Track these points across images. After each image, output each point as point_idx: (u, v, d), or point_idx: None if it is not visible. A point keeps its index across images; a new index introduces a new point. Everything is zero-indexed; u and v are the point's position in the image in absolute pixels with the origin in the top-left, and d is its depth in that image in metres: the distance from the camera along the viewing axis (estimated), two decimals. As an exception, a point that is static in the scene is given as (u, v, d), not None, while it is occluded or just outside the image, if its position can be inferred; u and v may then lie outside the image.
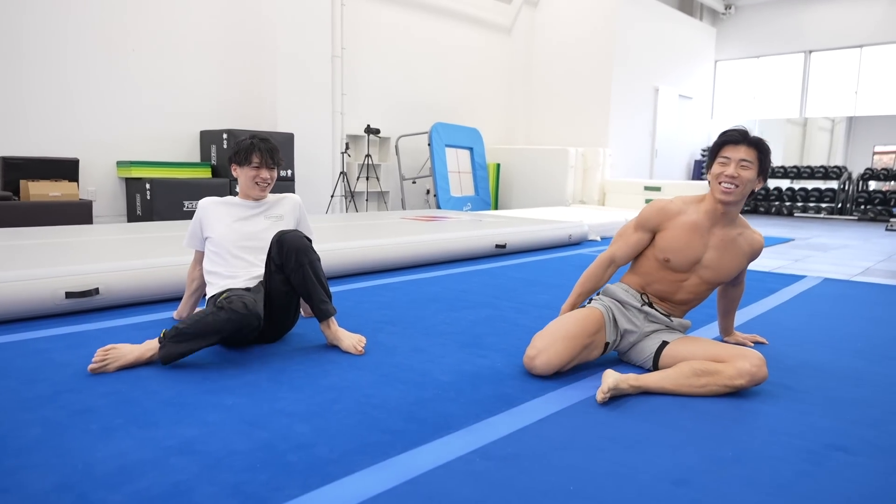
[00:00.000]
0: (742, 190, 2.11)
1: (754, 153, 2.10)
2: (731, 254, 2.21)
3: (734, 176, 2.09)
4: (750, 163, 2.09)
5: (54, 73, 5.93)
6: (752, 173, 2.10)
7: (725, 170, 2.10)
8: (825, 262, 5.49)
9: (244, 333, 2.24)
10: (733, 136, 2.12)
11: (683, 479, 1.47)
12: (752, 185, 2.13)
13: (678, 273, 2.22)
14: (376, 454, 1.55)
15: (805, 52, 12.60)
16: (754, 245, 2.26)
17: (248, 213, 2.60)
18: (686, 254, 2.19)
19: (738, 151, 2.10)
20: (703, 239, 2.19)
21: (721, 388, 1.97)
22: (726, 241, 2.20)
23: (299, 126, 7.48)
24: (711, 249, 2.19)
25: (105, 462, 1.47)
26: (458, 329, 2.78)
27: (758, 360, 1.98)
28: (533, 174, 10.01)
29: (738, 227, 2.24)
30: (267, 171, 2.56)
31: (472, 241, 4.95)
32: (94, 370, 2.07)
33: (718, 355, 2.03)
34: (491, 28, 10.55)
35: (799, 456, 1.60)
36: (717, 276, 2.22)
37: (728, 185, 2.10)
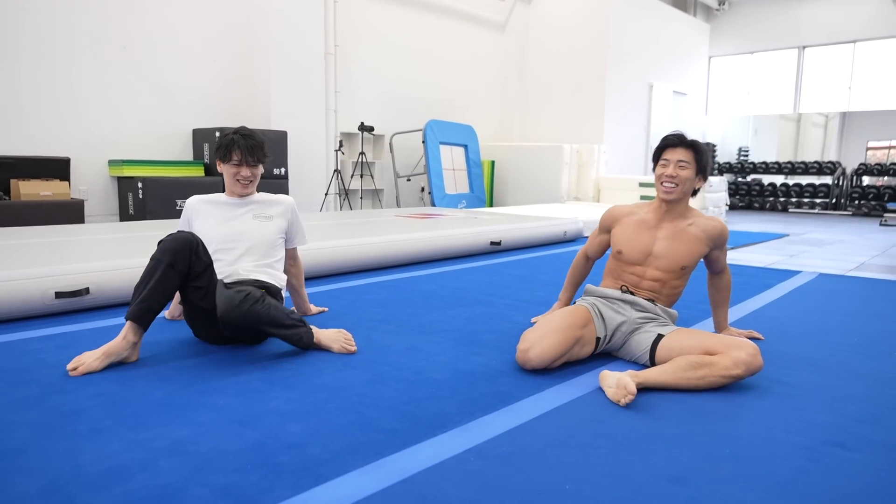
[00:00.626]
0: (682, 188, 2.29)
1: (691, 154, 2.29)
2: (682, 241, 2.35)
3: (673, 176, 2.28)
4: (687, 163, 2.28)
5: (45, 72, 5.88)
6: (691, 172, 2.29)
7: (665, 171, 2.30)
8: (820, 257, 5.49)
9: (191, 258, 2.18)
10: (671, 140, 2.33)
11: (680, 476, 1.45)
12: (693, 182, 2.32)
13: (635, 265, 2.39)
14: (370, 454, 1.53)
15: (799, 48, 12.62)
16: (709, 230, 2.36)
17: (235, 212, 2.56)
18: (635, 244, 2.38)
19: (675, 153, 2.30)
20: (651, 232, 2.38)
21: (719, 378, 1.97)
22: (675, 232, 2.35)
23: (293, 124, 7.44)
24: (661, 240, 2.36)
25: (93, 464, 1.45)
26: (452, 327, 2.76)
27: (752, 349, 2.00)
28: (528, 171, 9.99)
29: (688, 219, 2.38)
30: (248, 168, 2.51)
31: (467, 238, 4.93)
32: (75, 372, 2.05)
33: (713, 346, 2.04)
34: (485, 25, 10.52)
35: (796, 452, 1.59)
36: (671, 264, 2.34)
37: (669, 185, 2.30)
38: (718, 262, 2.46)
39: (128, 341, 2.14)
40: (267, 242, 2.56)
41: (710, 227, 2.36)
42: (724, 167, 13.22)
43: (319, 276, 3.86)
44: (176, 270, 2.17)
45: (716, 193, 9.20)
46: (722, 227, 2.39)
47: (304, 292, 2.89)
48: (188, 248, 2.20)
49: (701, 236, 2.35)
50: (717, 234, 2.37)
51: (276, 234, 2.60)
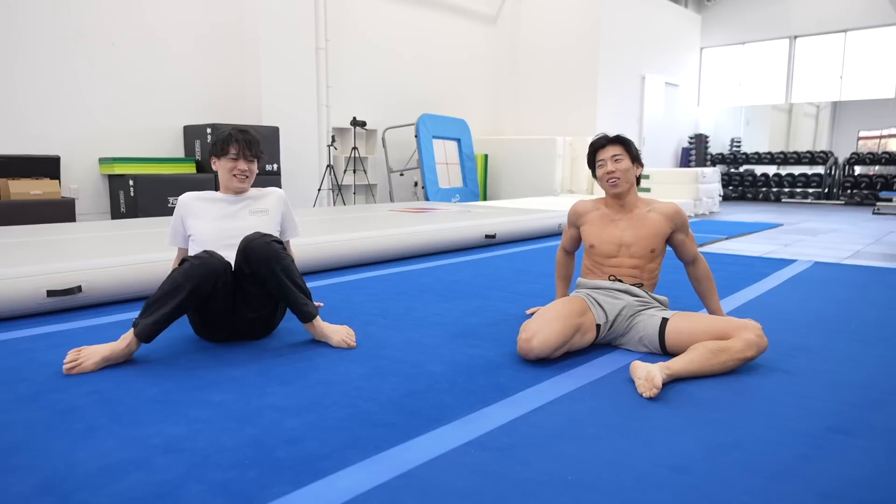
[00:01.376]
0: (625, 178, 2.42)
1: (620, 147, 2.44)
2: (645, 226, 2.44)
3: (612, 171, 2.41)
4: (620, 155, 2.42)
5: (35, 69, 5.81)
6: (627, 162, 2.42)
7: (605, 168, 2.43)
8: (815, 246, 5.50)
9: (215, 285, 2.14)
10: (599, 142, 2.48)
11: (682, 465, 1.44)
12: (633, 171, 2.44)
13: (609, 257, 2.46)
14: (369, 448, 1.51)
15: (790, 38, 12.63)
16: (665, 211, 2.46)
17: (231, 209, 2.52)
18: (604, 237, 2.47)
19: (607, 151, 2.44)
20: (616, 224, 2.47)
21: (736, 362, 2.05)
22: (636, 219, 2.45)
23: (284, 119, 7.39)
24: (626, 230, 2.45)
25: (88, 462, 1.42)
26: (449, 320, 2.75)
27: (758, 329, 2.10)
28: (521, 164, 9.98)
29: (645, 206, 2.49)
30: (245, 162, 2.49)
31: (462, 231, 4.92)
32: (69, 370, 2.01)
33: (723, 330, 2.11)
34: (476, 18, 10.48)
35: (798, 440, 1.58)
36: (642, 249, 2.43)
37: (613, 180, 2.41)
38: (685, 247, 2.50)
39: (129, 350, 2.11)
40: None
41: (665, 209, 2.47)
42: (717, 158, 13.23)
43: (314, 271, 3.84)
44: (196, 295, 2.12)
45: (709, 184, 9.21)
46: (676, 207, 2.49)
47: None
48: (215, 277, 2.14)
49: (660, 219, 2.45)
50: (673, 214, 2.47)
51: (274, 228, 2.58)
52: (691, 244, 2.51)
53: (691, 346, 2.09)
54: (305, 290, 2.32)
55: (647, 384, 1.84)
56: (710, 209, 9.20)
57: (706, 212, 9.07)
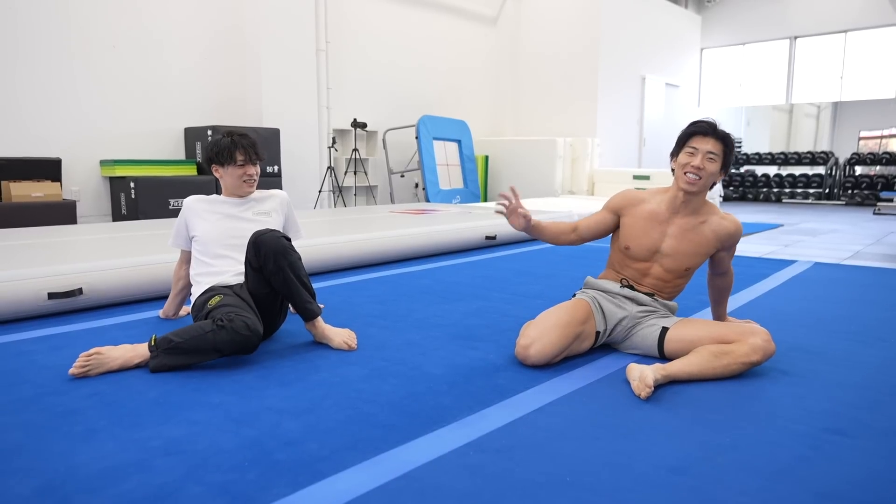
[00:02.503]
0: (705, 182, 2.15)
1: (721, 147, 2.14)
2: (691, 242, 2.22)
3: (700, 167, 2.12)
4: (716, 156, 2.14)
5: (36, 72, 5.82)
6: (717, 166, 2.15)
7: (692, 160, 2.13)
8: (815, 246, 5.50)
9: (243, 353, 2.15)
10: (703, 128, 2.15)
11: (681, 466, 1.44)
12: (715, 177, 2.17)
13: (640, 262, 2.28)
14: (368, 449, 1.51)
15: (790, 39, 12.63)
16: (720, 231, 2.23)
17: (235, 211, 2.54)
18: (643, 242, 2.25)
19: (706, 143, 2.13)
20: (662, 227, 2.24)
21: (739, 366, 2.00)
22: (685, 230, 2.23)
23: (285, 121, 7.40)
24: (669, 238, 2.23)
25: (88, 465, 1.43)
26: (449, 321, 2.75)
27: (766, 335, 2.04)
28: (522, 165, 9.98)
29: (702, 216, 2.24)
30: (253, 166, 2.51)
31: (462, 233, 4.92)
32: (76, 375, 2.01)
33: (726, 335, 2.06)
34: (476, 19, 10.48)
35: (797, 441, 1.58)
36: (677, 264, 2.25)
37: (693, 176, 2.14)
38: (723, 263, 2.32)
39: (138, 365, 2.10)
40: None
41: (721, 229, 2.23)
42: (718, 159, 13.22)
43: (315, 272, 3.84)
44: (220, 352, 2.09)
45: (710, 185, 9.20)
46: (735, 229, 2.25)
47: None
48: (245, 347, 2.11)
49: (710, 238, 2.22)
50: (727, 236, 2.24)
51: (278, 229, 2.57)
52: (730, 258, 2.33)
53: (693, 350, 2.06)
54: (310, 288, 2.33)
55: (641, 384, 1.85)
56: (710, 210, 9.19)
57: (707, 212, 9.07)
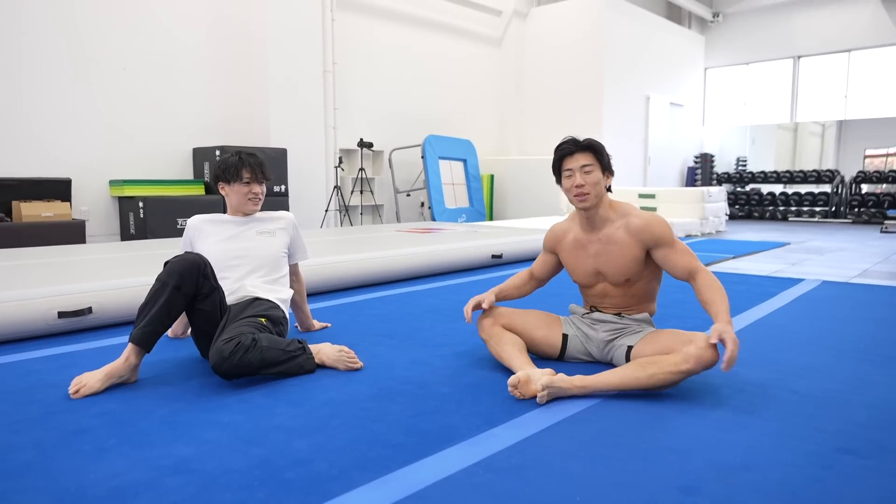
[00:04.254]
0: (594, 192, 2.17)
1: (591, 155, 2.17)
2: (614, 252, 2.21)
3: (581, 184, 2.15)
4: (591, 165, 2.17)
5: (46, 93, 5.91)
6: (597, 174, 2.18)
7: (572, 181, 2.17)
8: (822, 265, 5.48)
9: (198, 280, 2.17)
10: (566, 149, 2.19)
11: (692, 486, 1.43)
12: (602, 182, 2.19)
13: (590, 287, 2.32)
14: (377, 469, 1.51)
15: (794, 58, 12.70)
16: (632, 230, 2.17)
17: (238, 230, 2.58)
18: (581, 270, 2.30)
19: (576, 160, 2.17)
20: (586, 250, 2.27)
21: (668, 375, 1.95)
22: (605, 243, 2.23)
23: (292, 141, 7.47)
24: (597, 257, 2.25)
25: (98, 484, 1.43)
26: (456, 340, 2.75)
27: (703, 342, 1.94)
28: (527, 184, 10.02)
29: (615, 223, 2.22)
30: (258, 185, 2.55)
31: (469, 251, 4.93)
32: (75, 394, 2.01)
33: (671, 345, 2.04)
34: (481, 40, 10.59)
35: (809, 460, 1.57)
36: (617, 278, 2.23)
37: (582, 195, 2.17)
38: (671, 262, 2.15)
39: (129, 363, 2.11)
40: (272, 258, 2.56)
41: (632, 227, 2.18)
42: (723, 177, 13.25)
43: (321, 291, 3.85)
44: (182, 293, 2.15)
45: (715, 203, 9.21)
46: (644, 223, 2.16)
47: (307, 308, 2.87)
48: (196, 269, 2.18)
49: (628, 240, 2.19)
50: (640, 232, 2.16)
51: (280, 250, 2.61)
52: (681, 257, 2.15)
53: None
54: (290, 354, 2.20)
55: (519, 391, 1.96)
56: (716, 228, 9.19)
57: (713, 231, 9.06)
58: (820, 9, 12.24)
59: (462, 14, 10.09)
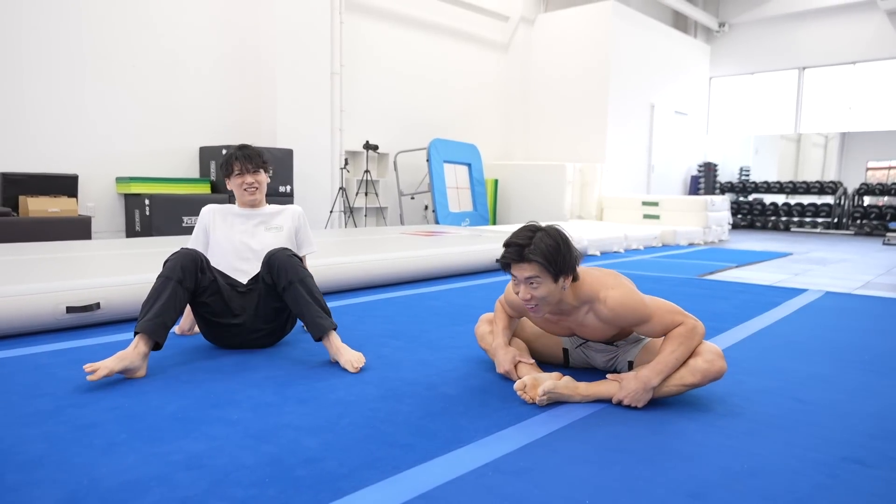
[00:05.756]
0: (546, 303, 1.93)
1: (538, 266, 1.85)
2: (591, 327, 2.06)
3: (528, 298, 1.91)
4: (537, 278, 1.87)
5: (54, 89, 5.93)
6: (546, 285, 1.89)
7: (520, 293, 1.92)
8: (825, 275, 5.49)
9: (197, 274, 2.31)
10: (509, 256, 1.89)
11: (699, 492, 1.44)
12: (557, 291, 1.91)
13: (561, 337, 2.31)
14: (386, 468, 1.52)
15: (799, 69, 12.72)
16: (602, 317, 1.99)
17: (248, 226, 2.67)
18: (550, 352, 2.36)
19: (521, 270, 1.89)
20: (559, 325, 2.13)
21: (673, 387, 1.95)
22: (579, 323, 2.07)
23: (298, 142, 7.49)
24: (571, 328, 2.13)
25: (110, 477, 1.44)
26: (462, 343, 2.76)
27: (711, 354, 1.94)
28: (531, 190, 10.04)
29: (581, 308, 2.02)
30: (250, 175, 2.64)
31: (474, 255, 4.94)
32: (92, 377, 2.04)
33: None
34: (488, 45, 10.62)
35: (815, 469, 1.58)
36: (603, 339, 2.14)
37: (531, 306, 1.95)
38: (654, 334, 2.02)
39: (139, 351, 2.15)
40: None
41: (601, 315, 1.99)
42: (726, 186, 13.27)
43: (325, 292, 3.87)
44: (184, 287, 2.27)
45: (718, 212, 9.23)
46: (611, 313, 1.95)
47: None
48: (194, 265, 2.31)
49: (601, 325, 2.03)
50: (610, 319, 1.97)
51: (288, 244, 2.70)
52: (659, 327, 1.97)
53: None
54: (323, 305, 2.38)
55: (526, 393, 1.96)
56: (719, 237, 9.21)
57: (715, 240, 9.08)
58: (826, 20, 12.26)
59: (469, 19, 10.13)
